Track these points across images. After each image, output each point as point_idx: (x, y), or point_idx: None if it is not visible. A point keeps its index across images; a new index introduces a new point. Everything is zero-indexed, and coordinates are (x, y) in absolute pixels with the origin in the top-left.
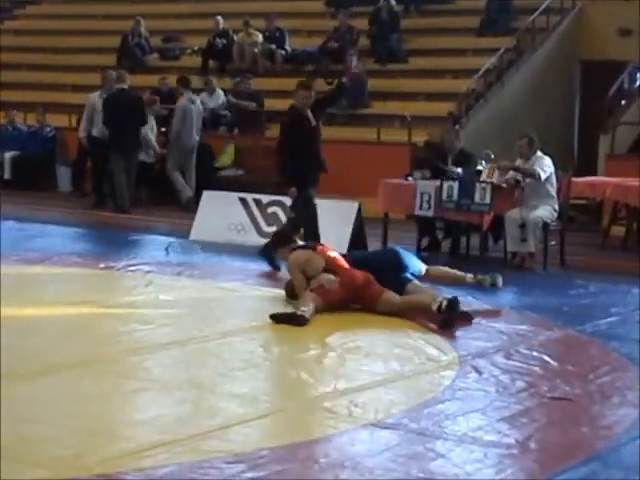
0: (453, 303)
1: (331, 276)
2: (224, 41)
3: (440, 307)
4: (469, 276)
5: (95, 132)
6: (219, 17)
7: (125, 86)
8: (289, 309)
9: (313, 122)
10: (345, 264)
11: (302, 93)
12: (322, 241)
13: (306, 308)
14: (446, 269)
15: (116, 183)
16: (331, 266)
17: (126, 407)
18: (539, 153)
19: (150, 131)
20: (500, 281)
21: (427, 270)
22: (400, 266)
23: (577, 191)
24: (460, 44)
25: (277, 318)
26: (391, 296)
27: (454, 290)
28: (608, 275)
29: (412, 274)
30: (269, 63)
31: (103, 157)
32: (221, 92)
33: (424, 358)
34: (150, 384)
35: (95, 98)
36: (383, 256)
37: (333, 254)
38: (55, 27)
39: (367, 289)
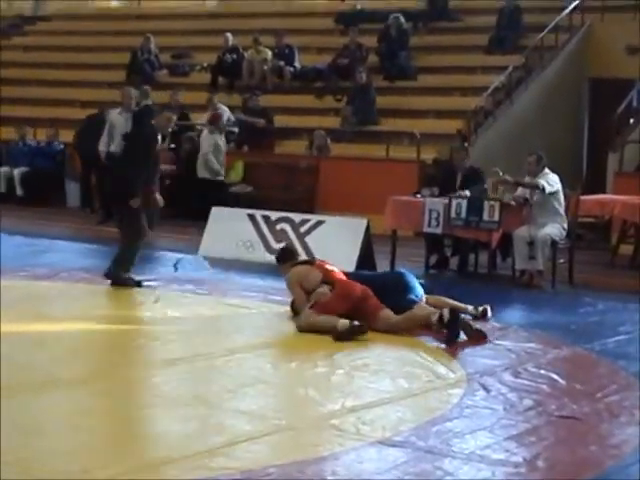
0: (455, 313)
1: (324, 288)
2: (234, 57)
3: (441, 317)
4: (470, 308)
5: (112, 148)
6: (228, 34)
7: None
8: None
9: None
10: (342, 276)
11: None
12: (322, 258)
13: (332, 319)
14: (446, 300)
15: None
16: (328, 278)
17: (133, 423)
18: (546, 170)
19: (211, 151)
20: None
21: (427, 299)
22: (406, 287)
23: (585, 209)
24: (469, 62)
25: (342, 337)
26: (389, 314)
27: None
28: (616, 293)
29: (416, 296)
30: (278, 80)
31: None
32: (226, 109)
33: (432, 376)
34: (158, 400)
35: (115, 115)
36: (388, 277)
37: (331, 267)
38: (64, 43)
39: (365, 300)
